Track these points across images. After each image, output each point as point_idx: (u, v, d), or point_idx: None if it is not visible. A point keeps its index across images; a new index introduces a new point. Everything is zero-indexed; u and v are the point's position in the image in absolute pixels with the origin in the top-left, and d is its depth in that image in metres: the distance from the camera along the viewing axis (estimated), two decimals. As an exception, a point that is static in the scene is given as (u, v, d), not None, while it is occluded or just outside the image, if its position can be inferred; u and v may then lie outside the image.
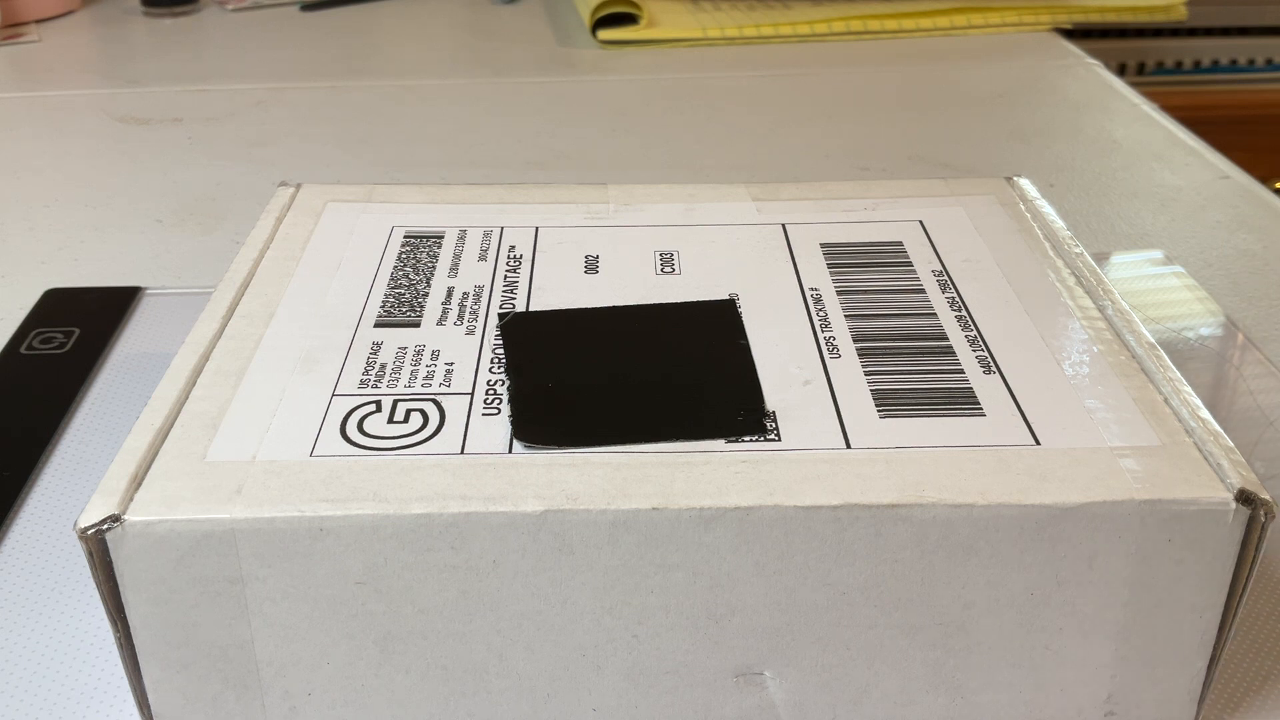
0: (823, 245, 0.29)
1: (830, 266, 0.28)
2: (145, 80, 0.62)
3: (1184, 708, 0.23)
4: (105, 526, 0.20)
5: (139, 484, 0.21)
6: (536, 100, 0.59)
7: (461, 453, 0.22)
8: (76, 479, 0.31)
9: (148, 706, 0.22)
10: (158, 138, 0.54)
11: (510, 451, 0.22)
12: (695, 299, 0.27)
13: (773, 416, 0.23)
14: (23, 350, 0.37)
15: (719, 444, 0.22)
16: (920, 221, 0.30)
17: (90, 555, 0.20)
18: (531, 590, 0.21)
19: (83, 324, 0.38)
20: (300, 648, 0.21)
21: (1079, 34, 0.74)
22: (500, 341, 0.25)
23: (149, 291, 0.40)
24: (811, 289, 0.27)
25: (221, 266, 0.43)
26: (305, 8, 0.74)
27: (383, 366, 0.24)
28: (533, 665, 0.22)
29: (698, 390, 0.23)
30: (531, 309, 0.26)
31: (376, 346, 0.25)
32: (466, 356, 0.25)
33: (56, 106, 0.58)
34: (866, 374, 0.24)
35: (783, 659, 0.22)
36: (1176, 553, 0.21)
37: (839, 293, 0.27)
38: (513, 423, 0.22)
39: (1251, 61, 0.88)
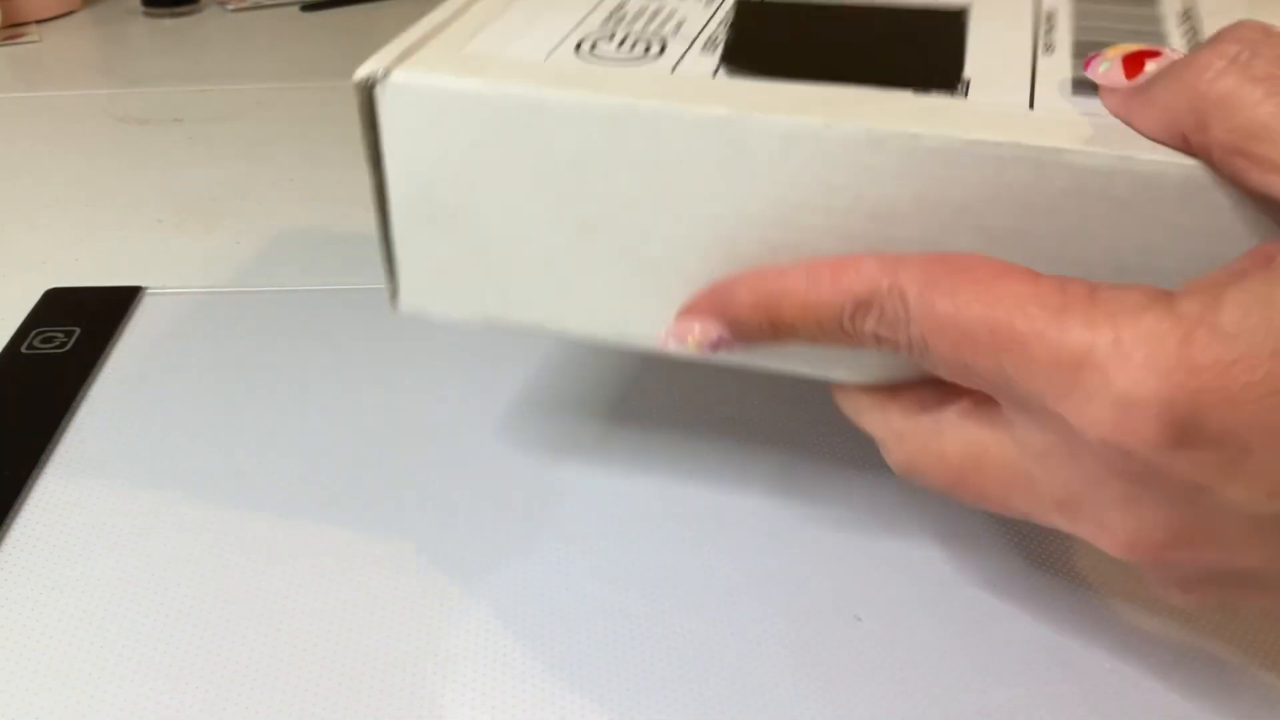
0: None
1: None
2: (145, 80, 0.62)
3: None
4: (374, 80, 0.25)
5: (409, 56, 0.25)
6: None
7: (672, 73, 0.24)
8: (76, 479, 0.31)
9: (392, 261, 0.26)
10: (158, 138, 0.55)
11: (715, 77, 0.24)
12: (929, 7, 0.27)
13: (966, 81, 0.23)
14: (23, 350, 0.37)
15: (907, 93, 0.23)
16: None
17: (360, 106, 0.25)
18: (710, 192, 0.23)
19: (83, 324, 0.38)
20: (512, 222, 0.25)
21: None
22: (733, 15, 0.27)
23: (149, 291, 0.40)
24: (1049, 9, 0.27)
25: (222, 266, 0.43)
26: (305, 8, 0.74)
27: (624, 14, 0.28)
28: (703, 271, 0.24)
29: (902, 52, 0.25)
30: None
31: (624, 2, 0.28)
32: (699, 17, 0.27)
33: (56, 106, 0.58)
34: (1073, 68, 0.24)
35: None
36: None
37: (1074, 15, 0.27)
38: (724, 51, 0.25)
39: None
